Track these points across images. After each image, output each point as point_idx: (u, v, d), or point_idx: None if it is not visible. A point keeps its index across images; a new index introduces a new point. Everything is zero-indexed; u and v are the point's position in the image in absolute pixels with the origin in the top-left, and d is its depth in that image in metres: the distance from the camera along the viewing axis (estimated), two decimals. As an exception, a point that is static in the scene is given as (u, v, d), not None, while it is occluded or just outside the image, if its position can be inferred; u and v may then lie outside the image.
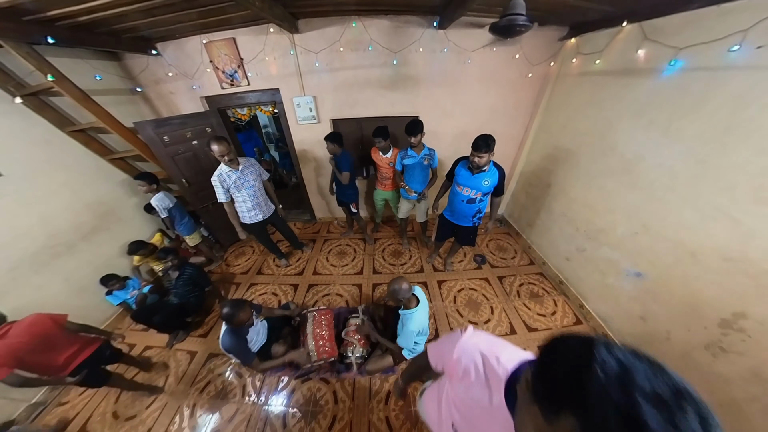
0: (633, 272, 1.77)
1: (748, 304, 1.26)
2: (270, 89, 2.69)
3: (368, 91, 2.68)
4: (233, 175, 2.09)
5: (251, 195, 2.23)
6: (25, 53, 1.61)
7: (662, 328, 1.59)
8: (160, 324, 2.05)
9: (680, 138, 1.53)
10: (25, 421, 1.67)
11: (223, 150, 1.93)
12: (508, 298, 2.37)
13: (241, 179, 2.14)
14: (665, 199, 1.60)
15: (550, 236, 2.62)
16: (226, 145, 1.95)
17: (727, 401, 1.29)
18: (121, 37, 2.03)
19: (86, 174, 2.19)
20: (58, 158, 2.03)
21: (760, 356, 1.21)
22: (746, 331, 1.25)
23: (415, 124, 2.20)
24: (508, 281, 2.57)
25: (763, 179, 1.23)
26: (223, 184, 2.09)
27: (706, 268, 1.41)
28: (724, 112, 1.35)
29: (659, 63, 1.58)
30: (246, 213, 2.28)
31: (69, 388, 1.87)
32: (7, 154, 1.73)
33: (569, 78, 2.32)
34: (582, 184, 2.18)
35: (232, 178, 2.10)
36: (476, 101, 2.66)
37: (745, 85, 1.28)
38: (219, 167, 2.07)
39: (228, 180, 2.09)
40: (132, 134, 2.22)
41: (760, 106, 1.24)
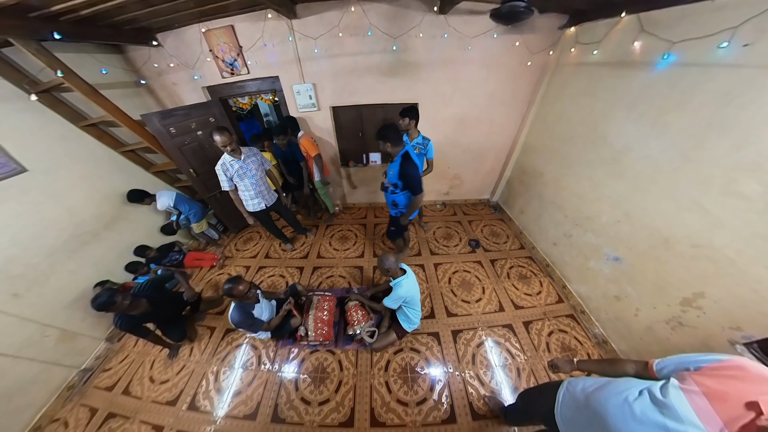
0: (612, 257, 1.92)
1: (708, 285, 1.41)
2: (270, 77, 2.71)
3: (368, 77, 2.69)
4: (236, 164, 2.15)
5: (254, 184, 2.30)
6: (34, 50, 1.66)
7: (633, 306, 1.77)
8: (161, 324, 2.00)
9: (666, 131, 1.60)
10: (79, 384, 1.94)
11: (225, 140, 1.98)
12: (499, 280, 2.56)
13: (243, 168, 2.20)
14: (648, 189, 1.70)
15: (541, 222, 2.75)
16: (228, 135, 2.00)
17: (679, 367, 1.49)
18: (122, 29, 2.04)
19: (101, 167, 2.31)
20: (75, 152, 2.14)
21: (710, 329, 1.38)
22: (702, 309, 1.42)
23: (409, 109, 2.23)
24: (500, 264, 2.74)
25: (734, 174, 1.32)
26: (227, 173, 2.15)
27: (676, 254, 1.55)
28: (708, 109, 1.41)
29: (653, 56, 1.61)
30: (249, 201, 2.37)
31: (111, 355, 2.16)
32: (29, 150, 1.83)
33: (567, 68, 2.32)
34: (573, 173, 2.26)
35: (234, 167, 2.15)
36: (475, 89, 2.66)
37: (730, 82, 1.33)
38: (222, 157, 2.13)
39: (231, 169, 2.15)
40: (140, 127, 2.30)
41: (740, 104, 1.30)
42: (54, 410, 1.81)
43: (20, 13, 1.53)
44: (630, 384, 0.77)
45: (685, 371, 0.67)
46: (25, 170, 1.80)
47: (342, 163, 3.41)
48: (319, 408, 1.72)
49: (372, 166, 3.40)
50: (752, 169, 1.27)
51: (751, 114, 1.27)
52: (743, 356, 0.48)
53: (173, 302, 2.10)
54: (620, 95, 1.84)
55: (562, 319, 2.19)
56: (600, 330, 2.02)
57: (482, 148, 3.20)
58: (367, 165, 3.41)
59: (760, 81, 1.23)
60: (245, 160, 2.20)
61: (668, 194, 1.59)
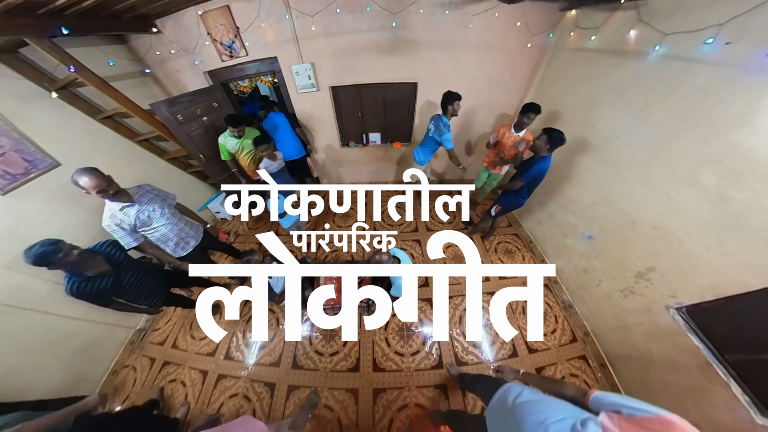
0: (587, 235, 2.15)
1: (659, 261, 1.64)
2: (268, 58, 2.70)
3: (366, 56, 2.67)
4: (131, 210, 1.57)
5: (168, 225, 1.73)
6: (47, 47, 1.74)
7: (596, 278, 2.05)
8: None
9: (648, 122, 1.70)
10: (137, 340, 2.38)
11: (95, 183, 1.37)
12: (487, 254, 2.85)
13: (144, 211, 1.61)
14: (625, 176, 1.85)
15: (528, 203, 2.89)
16: (98, 176, 1.40)
17: (624, 325, 1.83)
18: (122, 18, 2.05)
19: (122, 157, 2.47)
20: (99, 145, 2.29)
21: (653, 297, 1.66)
22: (651, 281, 1.68)
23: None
24: (489, 240, 3.01)
25: (697, 165, 1.46)
26: (123, 227, 1.54)
27: (639, 234, 1.76)
28: (686, 103, 1.50)
29: (645, 47, 1.64)
30: (173, 249, 1.83)
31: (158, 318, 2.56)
32: (59, 145, 1.99)
33: (565, 53, 2.30)
34: (562, 158, 2.37)
35: (131, 215, 1.56)
36: (475, 69, 2.64)
37: (709, 79, 1.40)
38: (105, 208, 1.52)
39: (126, 218, 1.55)
40: (150, 116, 2.41)
41: (713, 102, 1.39)
42: (123, 359, 2.26)
43: (29, 12, 1.59)
44: (558, 408, 0.77)
45: (616, 413, 0.66)
46: (59, 164, 1.98)
47: (342, 143, 3.50)
48: (330, 358, 2.12)
49: (372, 146, 3.49)
50: (713, 162, 1.41)
51: (721, 111, 1.37)
52: (673, 416, 0.60)
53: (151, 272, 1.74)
54: (612, 84, 1.89)
55: (540, 288, 2.53)
56: (568, 297, 2.34)
57: (479, 129, 3.25)
58: (367, 145, 3.50)
59: (735, 80, 1.31)
60: (140, 200, 1.62)
61: (641, 181, 1.75)
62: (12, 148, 1.77)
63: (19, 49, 1.84)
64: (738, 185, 1.31)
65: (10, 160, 1.76)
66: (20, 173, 1.81)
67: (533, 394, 0.92)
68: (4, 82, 1.76)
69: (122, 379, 2.17)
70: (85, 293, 1.38)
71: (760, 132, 1.24)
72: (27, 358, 1.75)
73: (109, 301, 1.53)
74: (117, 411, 1.97)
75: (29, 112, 1.87)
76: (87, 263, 1.37)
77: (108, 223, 1.54)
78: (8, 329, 1.68)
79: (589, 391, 0.78)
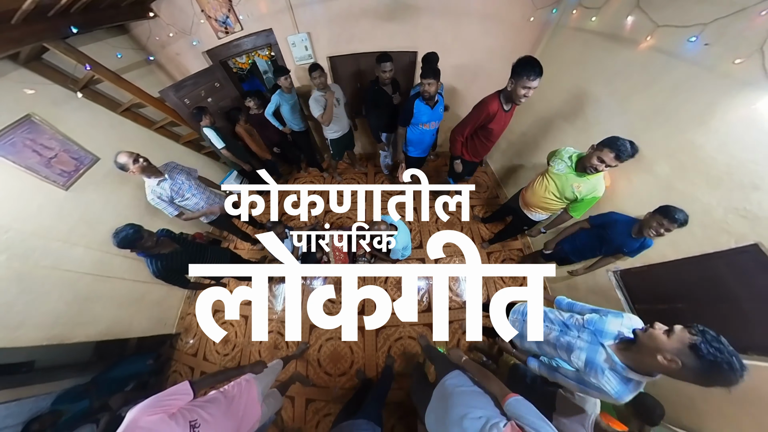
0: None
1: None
2: (263, 30, 2.63)
3: (364, 22, 2.58)
4: (165, 183, 1.86)
5: (197, 194, 2.06)
6: (63, 49, 1.83)
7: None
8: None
9: (627, 110, 1.83)
10: (192, 295, 3.02)
11: (128, 155, 1.66)
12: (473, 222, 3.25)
13: (177, 183, 1.92)
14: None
15: (515, 176, 3.15)
16: (128, 151, 1.69)
17: (574, 283, 2.29)
18: (120, 6, 2.02)
19: (145, 145, 2.65)
20: (125, 137, 2.49)
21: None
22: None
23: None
24: (476, 209, 3.37)
25: (657, 156, 1.68)
26: (163, 198, 1.86)
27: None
28: (661, 97, 1.62)
29: (638, 35, 1.65)
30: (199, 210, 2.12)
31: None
32: (94, 141, 2.22)
33: (566, 31, 2.22)
34: (551, 137, 2.51)
35: (166, 188, 1.86)
36: (476, 40, 2.56)
37: (683, 77, 1.50)
38: (145, 185, 1.82)
39: (164, 192, 1.85)
40: (161, 103, 2.53)
41: (682, 99, 1.52)
42: (185, 309, 2.93)
43: (42, 16, 1.66)
44: (480, 405, 0.83)
45: (520, 428, 0.69)
46: (99, 158, 2.25)
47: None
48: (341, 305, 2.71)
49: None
50: (669, 155, 1.63)
51: (686, 110, 1.52)
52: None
53: (208, 249, 1.99)
54: (604, 68, 1.93)
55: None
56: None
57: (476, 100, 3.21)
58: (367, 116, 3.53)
59: (703, 82, 1.43)
60: (170, 174, 1.91)
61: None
62: (61, 149, 2.03)
63: (42, 55, 1.92)
64: (683, 177, 1.56)
65: (62, 160, 2.04)
66: (72, 170, 2.11)
67: (470, 386, 1.00)
68: (38, 90, 1.91)
69: (189, 323, 2.87)
70: (167, 273, 1.66)
71: (710, 133, 1.43)
72: (122, 311, 2.36)
73: (186, 281, 1.82)
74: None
75: (63, 114, 2.05)
76: (160, 246, 1.65)
77: (151, 197, 1.85)
78: (103, 291, 2.24)
79: (508, 394, 0.80)
